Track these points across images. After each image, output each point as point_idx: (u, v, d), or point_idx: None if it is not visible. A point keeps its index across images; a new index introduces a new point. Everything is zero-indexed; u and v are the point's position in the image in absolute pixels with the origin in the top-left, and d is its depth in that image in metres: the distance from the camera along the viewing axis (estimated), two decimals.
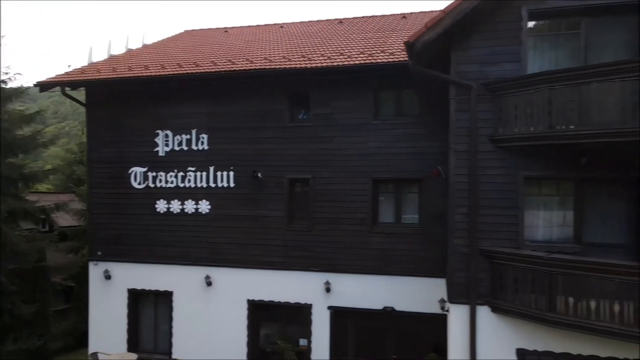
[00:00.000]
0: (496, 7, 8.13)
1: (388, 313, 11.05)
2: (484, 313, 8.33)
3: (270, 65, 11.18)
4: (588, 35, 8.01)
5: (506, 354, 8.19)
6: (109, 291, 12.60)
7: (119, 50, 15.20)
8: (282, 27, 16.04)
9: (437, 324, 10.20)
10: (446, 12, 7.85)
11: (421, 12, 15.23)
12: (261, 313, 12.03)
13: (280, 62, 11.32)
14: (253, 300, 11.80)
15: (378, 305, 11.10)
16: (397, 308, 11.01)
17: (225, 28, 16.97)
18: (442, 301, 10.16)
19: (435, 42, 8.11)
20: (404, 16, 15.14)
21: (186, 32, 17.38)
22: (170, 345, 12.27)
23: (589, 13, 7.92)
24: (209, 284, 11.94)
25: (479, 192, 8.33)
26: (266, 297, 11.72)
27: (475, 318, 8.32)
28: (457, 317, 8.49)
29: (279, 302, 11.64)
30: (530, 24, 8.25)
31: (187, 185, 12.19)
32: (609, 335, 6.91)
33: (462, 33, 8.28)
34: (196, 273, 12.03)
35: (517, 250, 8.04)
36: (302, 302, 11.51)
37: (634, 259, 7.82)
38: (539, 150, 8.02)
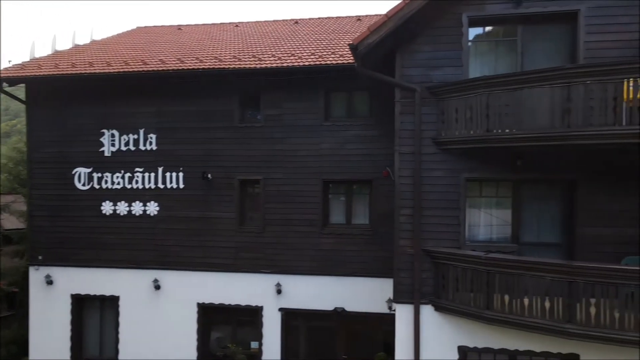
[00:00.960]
0: (438, 13, 8.30)
1: (339, 313, 11.11)
2: (427, 312, 8.50)
3: (220, 65, 11.04)
4: (524, 42, 8.32)
5: (449, 352, 8.39)
6: (51, 297, 12.09)
7: (65, 46, 14.63)
8: (237, 26, 15.86)
9: (386, 323, 10.32)
10: (389, 16, 7.96)
11: (376, 15, 15.40)
12: (211, 316, 11.86)
13: (230, 61, 11.19)
14: (203, 304, 11.60)
15: (329, 306, 11.14)
16: (348, 308, 11.09)
17: (179, 25, 16.62)
18: (389, 301, 10.29)
19: (380, 45, 8.21)
20: (358, 18, 15.28)
21: (138, 28, 16.93)
22: (116, 351, 11.89)
23: (524, 21, 8.23)
24: (157, 287, 11.65)
25: (423, 194, 8.49)
26: (216, 300, 11.56)
27: (419, 317, 8.48)
28: (402, 316, 8.63)
29: (229, 304, 11.51)
30: (471, 30, 8.48)
31: (135, 186, 11.86)
32: (540, 331, 7.19)
33: (406, 37, 8.41)
34: (144, 276, 11.71)
35: (458, 250, 8.25)
36: (253, 304, 11.41)
37: (566, 257, 8.18)
38: (479, 153, 8.25)
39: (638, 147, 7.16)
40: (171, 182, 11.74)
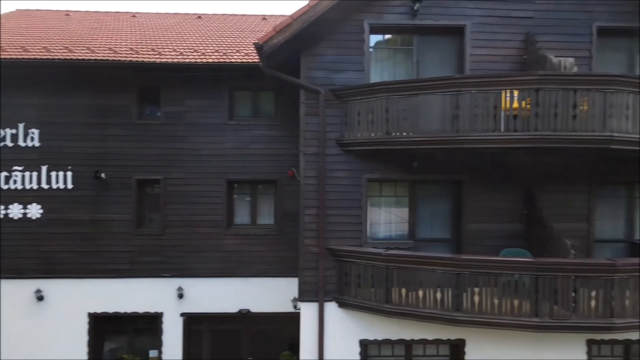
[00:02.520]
0: (341, 19, 8.56)
1: (244, 315, 10.98)
2: (331, 309, 8.72)
3: (115, 56, 10.30)
4: (419, 52, 8.92)
5: (351, 346, 8.69)
6: None
7: None
8: (134, 16, 14.92)
9: (292, 322, 10.37)
10: (294, 18, 8.03)
11: (282, 16, 15.45)
12: (105, 326, 11.03)
13: (127, 54, 10.49)
14: (95, 313, 10.73)
15: (233, 308, 10.95)
16: (253, 310, 11.00)
17: (67, 11, 15.19)
18: (294, 300, 10.43)
19: (285, 46, 8.25)
20: (264, 18, 15.22)
21: (18, 11, 15.14)
22: None
23: (419, 32, 8.82)
24: (40, 298, 10.53)
25: (327, 193, 8.69)
26: (111, 309, 10.76)
27: (323, 314, 8.67)
28: (307, 314, 8.76)
29: (125, 312, 10.78)
30: (372, 36, 8.87)
31: (13, 187, 10.59)
32: (432, 320, 7.77)
33: (310, 39, 8.55)
34: (23, 287, 10.49)
35: (360, 248, 8.58)
36: (152, 310, 10.82)
37: (455, 251, 8.92)
38: (379, 154, 8.65)
39: (514, 151, 8.07)
40: (57, 182, 10.69)
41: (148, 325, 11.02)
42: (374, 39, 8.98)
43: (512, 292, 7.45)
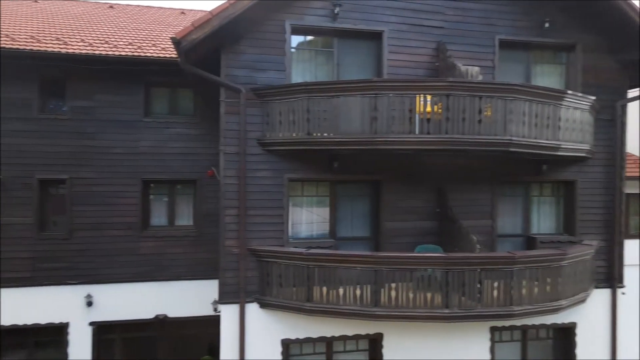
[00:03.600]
0: (262, 18, 8.49)
1: (160, 321, 10.55)
2: (252, 310, 8.61)
3: (12, 44, 9.38)
4: (340, 54, 9.10)
5: (273, 346, 8.65)
6: None
7: None
8: (36, 1, 13.70)
9: (212, 325, 10.12)
10: (213, 15, 7.82)
11: (201, 11, 15.03)
12: (1, 341, 9.99)
13: (27, 42, 9.60)
14: None
15: (150, 314, 10.49)
16: (172, 314, 10.61)
17: None
18: (214, 302, 10.19)
19: (204, 42, 8.00)
20: (182, 12, 14.72)
21: None
22: None
23: (339, 35, 9.00)
24: None
25: (248, 194, 8.57)
26: (7, 322, 9.81)
27: (244, 316, 8.53)
28: (228, 316, 8.57)
29: (24, 325, 9.90)
30: (294, 37, 8.91)
31: None
32: (352, 316, 7.98)
33: (231, 37, 8.39)
34: None
35: (281, 248, 8.57)
36: (57, 321, 10.04)
37: (374, 249, 9.23)
38: (300, 154, 8.70)
39: (427, 152, 8.53)
40: None
41: (52, 337, 10.21)
42: (295, 39, 9.02)
43: (425, 286, 7.88)
